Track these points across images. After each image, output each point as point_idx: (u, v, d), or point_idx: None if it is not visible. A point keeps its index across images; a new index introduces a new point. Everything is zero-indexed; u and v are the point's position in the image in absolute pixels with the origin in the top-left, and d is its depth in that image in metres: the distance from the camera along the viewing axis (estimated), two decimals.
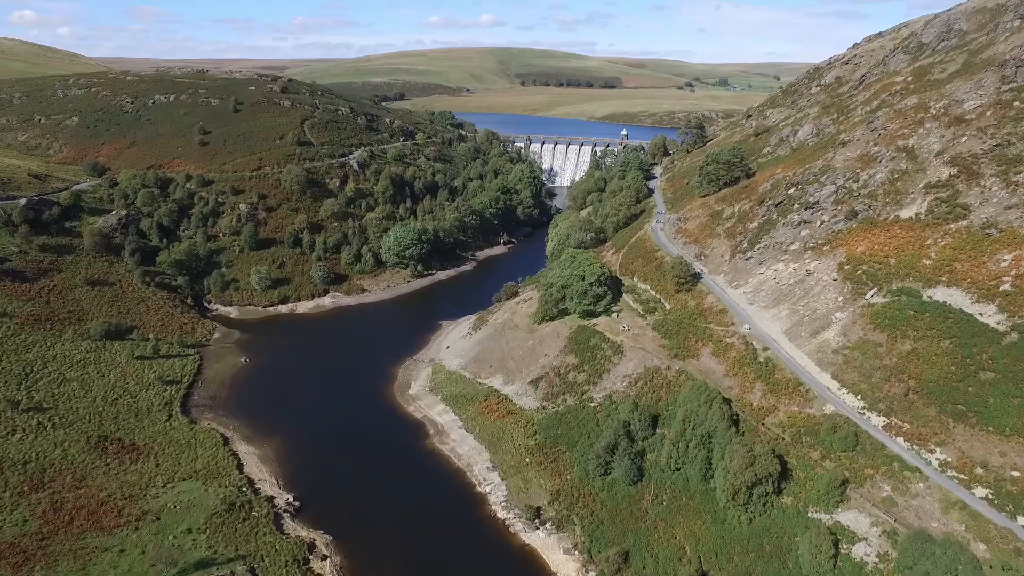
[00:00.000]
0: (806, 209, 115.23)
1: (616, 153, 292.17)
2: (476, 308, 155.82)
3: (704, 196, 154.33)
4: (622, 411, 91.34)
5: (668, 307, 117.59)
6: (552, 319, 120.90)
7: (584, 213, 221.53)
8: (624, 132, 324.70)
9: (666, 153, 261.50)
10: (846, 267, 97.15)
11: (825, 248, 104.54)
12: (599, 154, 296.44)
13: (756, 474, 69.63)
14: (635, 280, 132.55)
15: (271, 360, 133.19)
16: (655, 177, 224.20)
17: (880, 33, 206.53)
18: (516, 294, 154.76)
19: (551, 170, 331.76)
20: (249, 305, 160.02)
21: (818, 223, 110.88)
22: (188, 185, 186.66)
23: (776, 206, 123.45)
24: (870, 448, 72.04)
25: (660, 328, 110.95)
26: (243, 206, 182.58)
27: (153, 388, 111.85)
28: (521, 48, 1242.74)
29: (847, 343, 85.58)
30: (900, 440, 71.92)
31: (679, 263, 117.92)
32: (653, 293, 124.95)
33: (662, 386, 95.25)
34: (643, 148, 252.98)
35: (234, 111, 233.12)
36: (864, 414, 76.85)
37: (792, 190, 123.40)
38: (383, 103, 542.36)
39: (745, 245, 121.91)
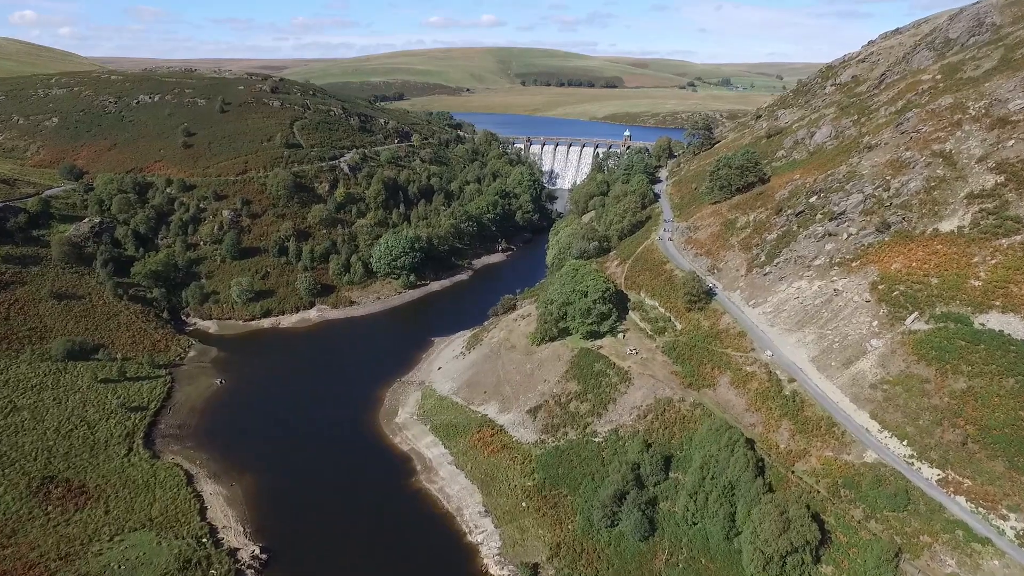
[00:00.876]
0: (831, 220, 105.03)
1: (619, 155, 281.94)
2: (471, 322, 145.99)
3: (715, 203, 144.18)
4: (631, 450, 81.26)
5: (679, 327, 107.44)
6: (552, 340, 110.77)
7: (586, 218, 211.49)
8: (627, 133, 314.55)
9: (671, 155, 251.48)
10: (880, 287, 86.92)
11: (854, 264, 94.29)
12: (601, 156, 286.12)
13: (791, 542, 59.58)
14: (642, 295, 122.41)
15: (249, 382, 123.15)
16: (661, 181, 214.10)
17: (897, 29, 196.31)
18: (514, 307, 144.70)
19: (552, 172, 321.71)
20: (229, 319, 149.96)
21: (845, 236, 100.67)
22: (168, 190, 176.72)
23: (796, 216, 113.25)
24: (925, 509, 61.83)
25: (671, 352, 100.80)
26: (226, 212, 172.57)
27: (115, 417, 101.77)
28: (522, 48, 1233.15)
29: (887, 376, 75.37)
30: (961, 500, 61.69)
31: (691, 279, 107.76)
32: (662, 310, 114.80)
33: (675, 421, 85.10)
34: (647, 150, 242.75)
35: (221, 112, 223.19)
36: (913, 464, 66.63)
37: (814, 198, 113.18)
38: (381, 103, 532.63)
39: (763, 258, 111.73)
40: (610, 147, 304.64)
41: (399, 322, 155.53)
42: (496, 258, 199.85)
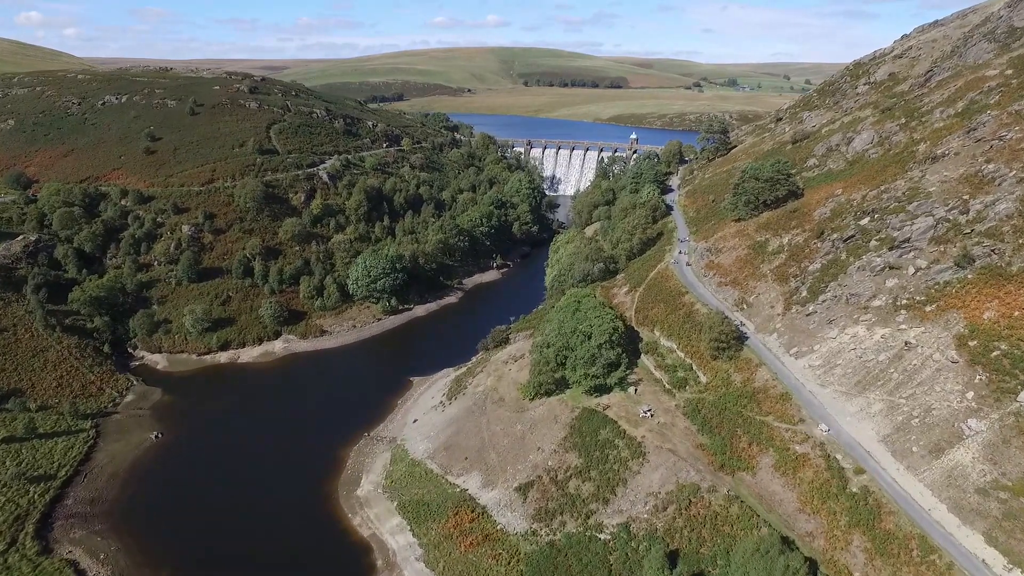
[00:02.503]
0: (890, 249, 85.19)
1: (625, 159, 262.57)
2: (457, 357, 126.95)
3: (739, 220, 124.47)
4: (648, 565, 61.59)
5: (704, 380, 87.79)
6: (548, 394, 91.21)
7: (590, 231, 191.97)
8: (633, 136, 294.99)
9: (682, 160, 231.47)
10: (970, 343, 67.13)
11: (929, 309, 74.46)
12: (606, 161, 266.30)
13: None
14: (657, 334, 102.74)
15: (192, 435, 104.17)
16: (672, 190, 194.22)
17: (937, 21, 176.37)
18: (506, 342, 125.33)
19: (553, 178, 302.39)
20: (182, 352, 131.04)
21: (912, 270, 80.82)
22: (123, 202, 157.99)
23: (844, 242, 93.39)
24: None
25: (695, 414, 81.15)
26: (185, 228, 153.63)
27: (7, 492, 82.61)
28: (524, 47, 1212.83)
29: (1002, 479, 55.60)
30: None
31: (718, 320, 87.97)
32: (681, 355, 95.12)
33: (705, 520, 65.50)
34: (656, 155, 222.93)
35: (191, 114, 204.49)
36: None
37: (866, 220, 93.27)
38: (380, 104, 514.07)
39: (804, 294, 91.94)
40: (615, 151, 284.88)
41: (375, 356, 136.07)
42: (490, 276, 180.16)
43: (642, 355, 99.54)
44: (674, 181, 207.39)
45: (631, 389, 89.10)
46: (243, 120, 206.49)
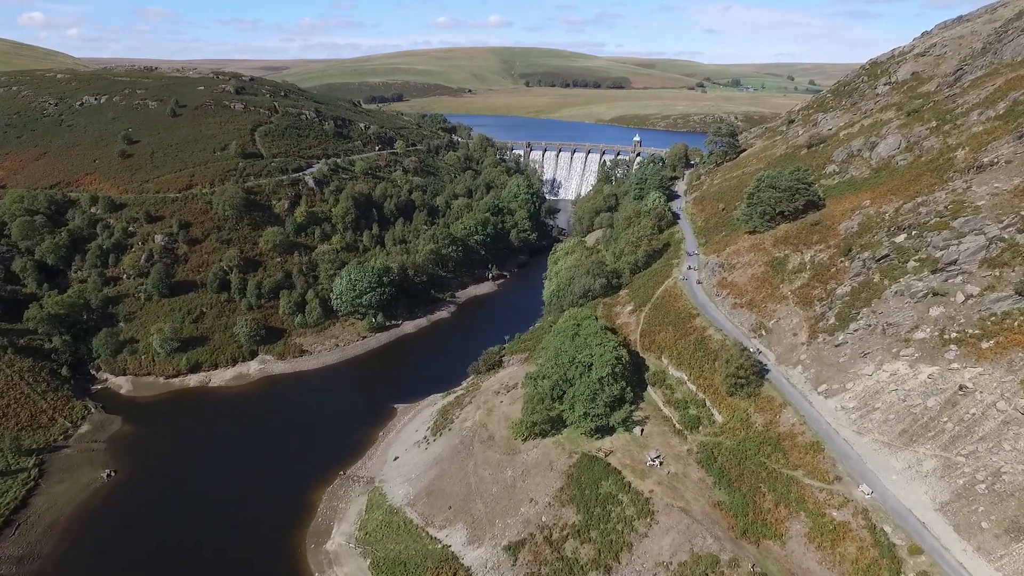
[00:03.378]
0: (933, 272, 74.63)
1: (628, 163, 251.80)
2: (447, 380, 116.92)
3: (754, 232, 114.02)
4: None
5: (719, 420, 77.31)
6: (543, 435, 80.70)
7: (591, 239, 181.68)
8: (636, 138, 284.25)
9: (688, 164, 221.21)
10: None
11: (986, 346, 63.90)
12: (608, 164, 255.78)
13: None
14: (665, 362, 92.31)
15: (148, 472, 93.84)
16: (678, 196, 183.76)
17: (962, 17, 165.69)
18: (499, 365, 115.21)
19: (554, 181, 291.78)
20: (148, 375, 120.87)
21: (961, 298, 70.27)
22: (93, 209, 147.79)
23: (876, 261, 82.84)
24: None
25: (710, 462, 70.67)
26: (158, 237, 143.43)
27: None
28: (526, 47, 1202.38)
29: None
30: None
31: (736, 352, 77.48)
32: (693, 388, 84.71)
33: None
34: (661, 159, 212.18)
35: (172, 115, 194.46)
36: None
37: (901, 237, 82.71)
38: (378, 105, 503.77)
39: (832, 321, 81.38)
40: (618, 154, 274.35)
41: (358, 380, 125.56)
42: (485, 288, 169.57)
43: (649, 387, 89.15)
44: (680, 186, 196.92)
45: (637, 430, 78.59)
46: (227, 122, 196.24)
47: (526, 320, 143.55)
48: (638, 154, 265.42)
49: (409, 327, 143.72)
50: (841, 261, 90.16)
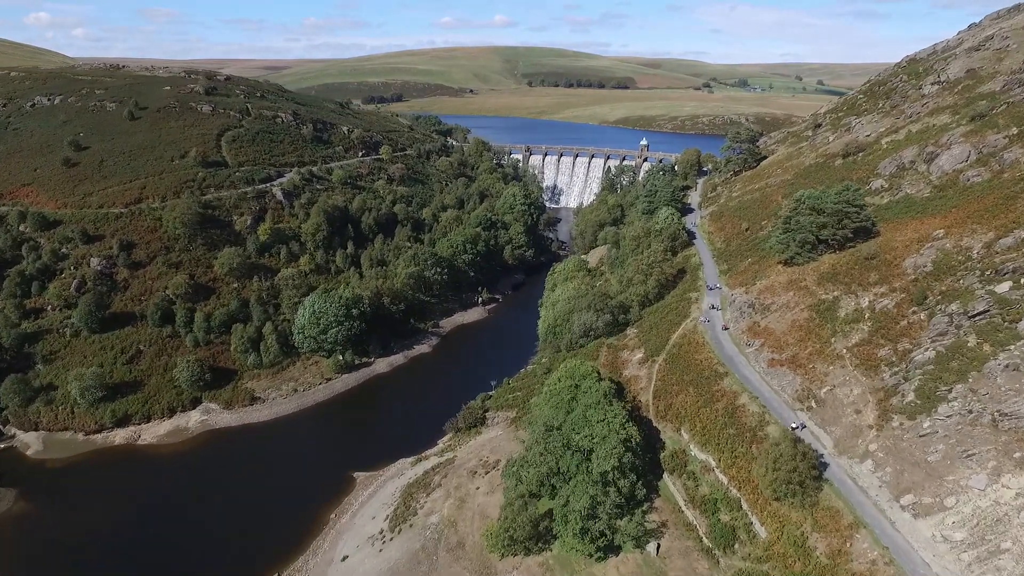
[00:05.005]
0: None
1: (634, 169, 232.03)
2: (420, 438, 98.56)
3: (790, 263, 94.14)
4: None
5: (763, 535, 57.49)
6: (526, 551, 60.78)
7: (594, 257, 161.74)
8: (644, 142, 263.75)
9: (700, 171, 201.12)
10: None
11: None
12: (613, 170, 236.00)
13: None
14: (685, 437, 72.50)
15: (32, 570, 74.38)
16: (692, 210, 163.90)
17: (1020, 5, 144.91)
18: (483, 421, 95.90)
19: (554, 188, 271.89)
20: (66, 430, 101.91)
21: None
22: (22, 227, 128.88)
23: (970, 318, 62.78)
24: None
25: None
26: (94, 261, 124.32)
27: None
28: (529, 47, 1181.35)
29: None
30: None
31: (788, 450, 57.45)
32: (722, 479, 64.91)
33: None
34: (672, 167, 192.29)
35: (130, 118, 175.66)
36: None
37: (1006, 287, 62.73)
38: (379, 105, 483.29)
39: (911, 398, 61.35)
40: (623, 159, 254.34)
41: (316, 434, 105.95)
42: (473, 315, 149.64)
43: (665, 474, 69.34)
44: (693, 198, 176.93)
45: (651, 546, 58.83)
46: (191, 126, 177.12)
47: (519, 355, 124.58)
48: (645, 159, 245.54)
49: (382, 366, 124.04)
50: (914, 312, 70.14)
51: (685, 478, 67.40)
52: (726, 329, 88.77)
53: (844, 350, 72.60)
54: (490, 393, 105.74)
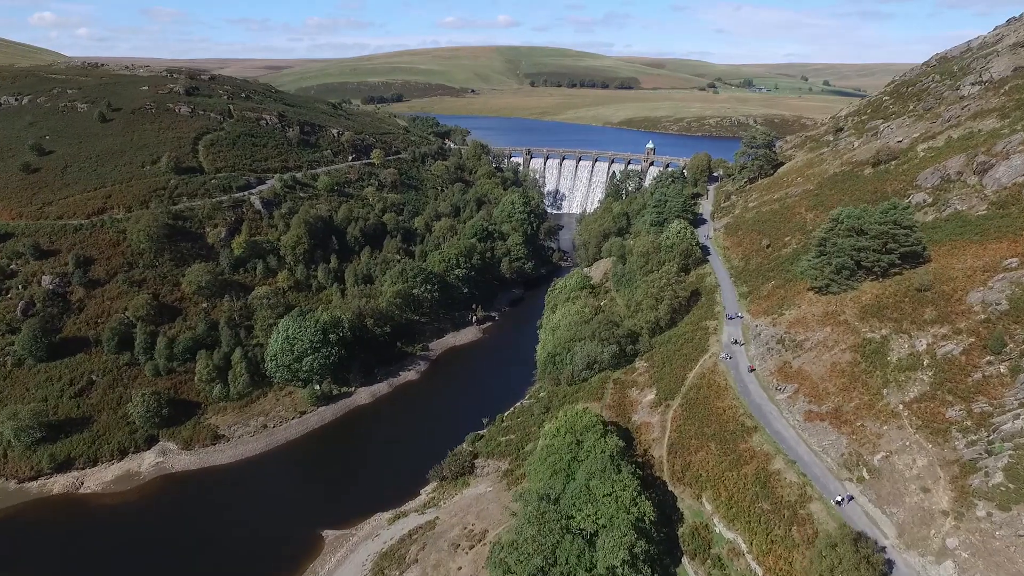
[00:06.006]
0: None
1: (640, 173, 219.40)
2: (401, 485, 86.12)
3: (824, 291, 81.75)
4: None
5: None
6: None
7: (598, 271, 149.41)
8: (650, 145, 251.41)
9: (711, 176, 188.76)
10: None
11: None
12: (618, 175, 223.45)
13: None
14: (708, 508, 60.24)
15: None
16: (704, 220, 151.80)
17: None
18: (471, 470, 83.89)
19: (556, 193, 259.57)
20: None
21: None
22: None
23: None
24: None
25: None
26: (46, 278, 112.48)
27: None
28: (531, 47, 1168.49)
29: None
30: None
31: (850, 555, 45.01)
32: (756, 568, 52.82)
33: None
34: (683, 175, 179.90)
35: (101, 120, 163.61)
36: None
37: None
38: (379, 105, 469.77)
39: (999, 478, 49.06)
40: (629, 163, 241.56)
41: (282, 482, 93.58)
42: (467, 336, 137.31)
43: (685, 558, 57.02)
44: (704, 206, 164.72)
45: None
46: (167, 129, 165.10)
47: (514, 382, 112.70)
48: (651, 163, 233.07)
49: (363, 396, 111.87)
50: (989, 362, 57.75)
51: (710, 565, 55.23)
52: (752, 371, 76.34)
53: (900, 405, 60.22)
54: (481, 433, 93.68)
